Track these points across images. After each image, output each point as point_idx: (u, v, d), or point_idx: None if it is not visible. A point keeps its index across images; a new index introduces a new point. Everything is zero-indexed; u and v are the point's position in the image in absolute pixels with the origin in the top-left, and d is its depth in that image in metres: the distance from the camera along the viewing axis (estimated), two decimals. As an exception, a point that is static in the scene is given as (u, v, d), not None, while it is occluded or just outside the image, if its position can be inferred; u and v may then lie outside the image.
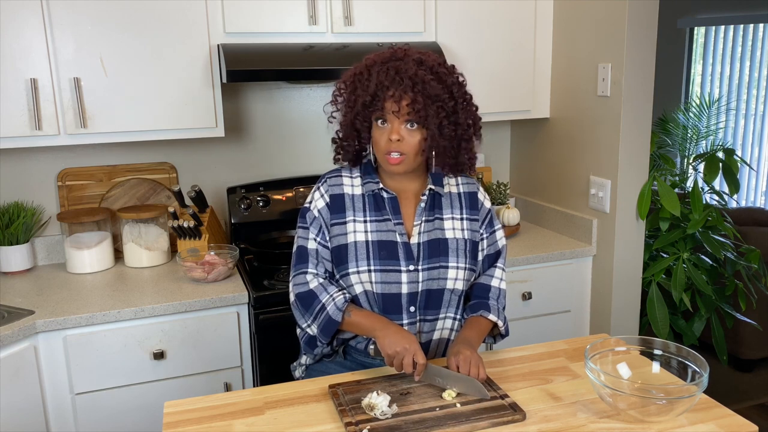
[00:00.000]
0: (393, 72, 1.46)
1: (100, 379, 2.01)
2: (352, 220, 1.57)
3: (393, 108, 1.47)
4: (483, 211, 1.67)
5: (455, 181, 1.67)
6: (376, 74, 1.48)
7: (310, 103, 2.73)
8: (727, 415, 1.35)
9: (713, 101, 4.63)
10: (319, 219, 1.59)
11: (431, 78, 1.47)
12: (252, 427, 1.34)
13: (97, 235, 2.38)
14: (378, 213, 1.58)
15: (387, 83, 1.46)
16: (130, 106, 2.18)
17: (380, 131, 1.51)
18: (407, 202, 1.62)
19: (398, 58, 1.50)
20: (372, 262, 1.55)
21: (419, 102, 1.45)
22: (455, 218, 1.62)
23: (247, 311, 2.15)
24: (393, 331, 1.47)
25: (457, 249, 1.59)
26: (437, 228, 1.60)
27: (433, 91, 1.46)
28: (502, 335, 1.67)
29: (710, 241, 2.57)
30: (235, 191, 2.58)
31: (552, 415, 1.36)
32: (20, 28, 2.03)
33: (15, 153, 2.40)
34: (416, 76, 1.45)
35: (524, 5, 2.58)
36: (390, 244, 1.56)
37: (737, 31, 4.80)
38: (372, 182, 1.59)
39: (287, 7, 2.28)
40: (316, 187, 1.63)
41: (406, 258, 1.55)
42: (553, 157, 2.76)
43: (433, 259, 1.57)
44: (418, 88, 1.45)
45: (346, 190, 1.60)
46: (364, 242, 1.55)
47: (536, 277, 2.48)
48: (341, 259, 1.56)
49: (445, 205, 1.63)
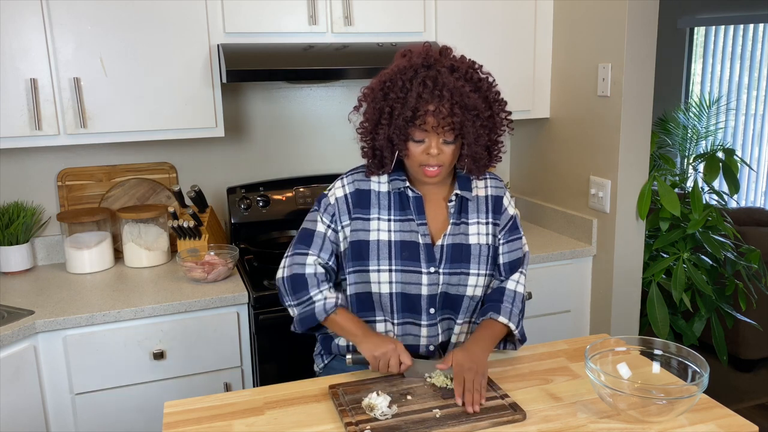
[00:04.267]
0: (431, 84, 1.42)
1: (100, 379, 2.01)
2: (377, 217, 1.57)
3: (434, 123, 1.43)
4: (505, 217, 1.64)
5: (484, 184, 1.64)
6: (414, 87, 1.42)
7: (310, 103, 2.73)
8: (727, 415, 1.35)
9: (713, 101, 4.63)
10: (334, 206, 1.58)
11: (468, 89, 1.44)
12: (252, 427, 1.34)
13: (96, 235, 2.38)
14: (402, 212, 1.58)
15: (427, 97, 1.41)
16: (129, 106, 2.18)
17: (417, 144, 1.47)
18: (433, 204, 1.60)
19: (429, 65, 1.45)
20: (393, 262, 1.55)
21: (458, 115, 1.42)
22: (480, 223, 1.61)
23: (247, 311, 2.15)
24: (374, 336, 1.51)
25: (479, 255, 1.58)
26: (462, 233, 1.59)
27: (472, 103, 1.43)
28: (520, 341, 1.62)
29: (710, 241, 2.57)
30: (235, 191, 2.58)
31: (552, 415, 1.36)
32: (20, 28, 2.03)
33: (15, 153, 2.40)
34: (454, 88, 1.41)
35: (524, 5, 2.58)
36: (412, 245, 1.55)
37: (737, 31, 4.80)
38: (399, 179, 1.57)
39: (287, 7, 2.28)
40: (340, 178, 1.62)
41: (427, 260, 1.55)
42: (553, 157, 2.76)
43: (456, 264, 1.57)
44: (456, 100, 1.41)
45: (373, 186, 1.59)
46: (386, 241, 1.55)
47: (536, 277, 2.48)
48: (361, 255, 1.56)
49: (472, 209, 1.61)
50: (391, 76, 1.47)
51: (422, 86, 1.42)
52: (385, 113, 1.47)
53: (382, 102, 1.47)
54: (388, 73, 1.49)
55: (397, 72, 1.47)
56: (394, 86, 1.45)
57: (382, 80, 1.49)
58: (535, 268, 2.47)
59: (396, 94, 1.45)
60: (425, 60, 1.46)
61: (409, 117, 1.43)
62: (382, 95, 1.48)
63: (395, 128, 1.46)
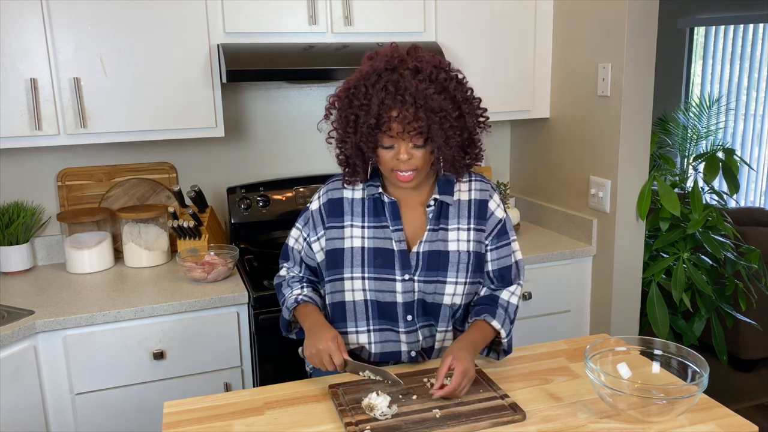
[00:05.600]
0: (393, 89, 1.37)
1: (100, 379, 2.01)
2: (350, 225, 1.55)
3: (399, 129, 1.39)
4: (492, 221, 1.57)
5: (468, 187, 1.58)
6: (376, 93, 1.39)
7: (310, 103, 2.73)
8: (727, 415, 1.35)
9: (713, 101, 4.63)
10: (310, 219, 1.61)
11: (432, 91, 1.38)
12: (252, 427, 1.34)
13: (96, 235, 2.38)
14: (377, 219, 1.55)
15: (389, 102, 1.38)
16: (129, 106, 2.18)
17: (386, 151, 1.44)
18: (411, 210, 1.57)
19: (392, 68, 1.40)
20: (366, 270, 1.53)
21: (422, 119, 1.38)
22: (461, 229, 1.55)
23: (246, 311, 2.15)
24: (314, 332, 1.49)
25: (458, 263, 1.53)
26: (440, 239, 1.54)
27: (437, 105, 1.38)
28: (505, 351, 1.58)
29: (710, 241, 2.57)
30: (235, 191, 2.58)
31: (552, 415, 1.36)
32: (20, 28, 2.03)
33: (15, 153, 2.40)
34: (417, 91, 1.37)
35: (524, 5, 2.58)
36: (386, 252, 1.53)
37: (737, 31, 4.80)
38: (373, 185, 1.55)
39: (287, 7, 2.28)
40: (319, 189, 1.63)
41: (401, 267, 1.52)
42: (553, 157, 2.76)
43: (431, 272, 1.53)
44: (420, 103, 1.37)
45: (346, 194, 1.58)
46: (360, 248, 1.53)
47: (536, 277, 2.48)
48: (336, 263, 1.55)
49: (452, 215, 1.55)
50: (356, 82, 1.44)
51: (384, 91, 1.38)
52: (351, 121, 1.44)
53: (348, 110, 1.44)
54: (353, 79, 1.45)
55: (361, 78, 1.43)
56: (357, 93, 1.42)
57: (347, 87, 1.46)
58: (535, 268, 2.47)
59: (359, 101, 1.41)
60: (388, 63, 1.41)
61: (373, 124, 1.40)
62: (348, 102, 1.44)
63: (362, 136, 1.43)
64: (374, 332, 1.57)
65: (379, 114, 1.39)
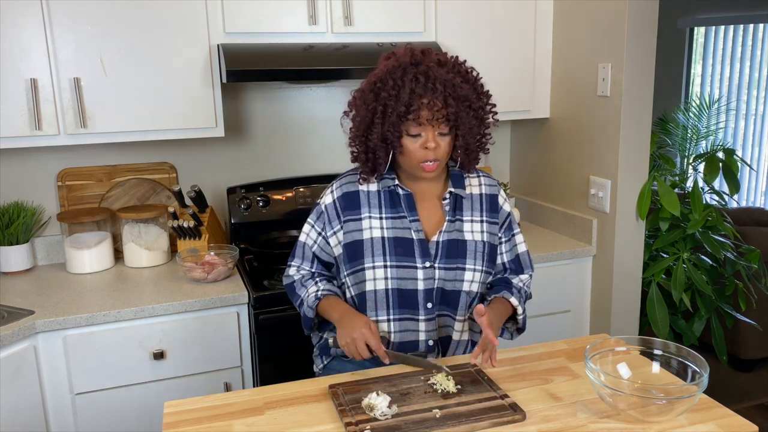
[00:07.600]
0: (423, 78, 1.43)
1: (100, 379, 2.01)
2: (368, 216, 1.58)
3: (428, 116, 1.45)
4: (502, 215, 1.67)
5: (477, 182, 1.66)
6: (407, 83, 1.43)
7: (310, 103, 2.73)
8: (727, 415, 1.35)
9: (713, 101, 4.63)
10: (324, 214, 1.62)
11: (460, 80, 1.47)
12: (252, 427, 1.34)
13: (97, 235, 2.38)
14: (394, 210, 1.59)
15: (420, 91, 1.43)
16: (130, 106, 2.18)
17: (413, 140, 1.48)
18: (427, 203, 1.61)
19: (417, 62, 1.46)
20: (388, 258, 1.56)
21: (452, 106, 1.44)
22: (475, 221, 1.62)
23: (246, 311, 2.15)
24: (346, 321, 1.51)
25: (475, 251, 1.60)
26: (457, 230, 1.60)
27: (464, 93, 1.46)
28: (519, 329, 1.68)
29: (710, 241, 2.57)
30: (235, 191, 2.58)
31: (552, 415, 1.36)
32: (20, 28, 2.03)
33: (15, 153, 2.40)
34: (447, 80, 1.44)
35: (524, 5, 2.58)
36: (406, 241, 1.56)
37: (737, 31, 4.80)
38: (388, 178, 1.59)
39: (287, 7, 2.28)
40: (330, 184, 1.65)
41: (422, 255, 1.56)
42: (553, 157, 2.76)
43: (451, 260, 1.58)
44: (449, 91, 1.43)
45: (361, 187, 1.60)
46: (380, 238, 1.56)
47: (536, 277, 2.46)
48: (356, 255, 1.57)
49: (466, 207, 1.62)
50: (381, 76, 1.48)
51: (414, 81, 1.44)
52: (378, 113, 1.47)
53: (374, 102, 1.48)
54: (377, 74, 1.50)
55: (387, 72, 1.48)
56: (385, 85, 1.46)
57: (372, 81, 1.50)
58: (535, 267, 2.45)
59: (388, 92, 1.46)
60: (412, 58, 1.48)
61: (402, 112, 1.44)
62: (374, 96, 1.48)
63: (389, 125, 1.47)
64: (394, 321, 1.60)
65: (410, 102, 1.44)
